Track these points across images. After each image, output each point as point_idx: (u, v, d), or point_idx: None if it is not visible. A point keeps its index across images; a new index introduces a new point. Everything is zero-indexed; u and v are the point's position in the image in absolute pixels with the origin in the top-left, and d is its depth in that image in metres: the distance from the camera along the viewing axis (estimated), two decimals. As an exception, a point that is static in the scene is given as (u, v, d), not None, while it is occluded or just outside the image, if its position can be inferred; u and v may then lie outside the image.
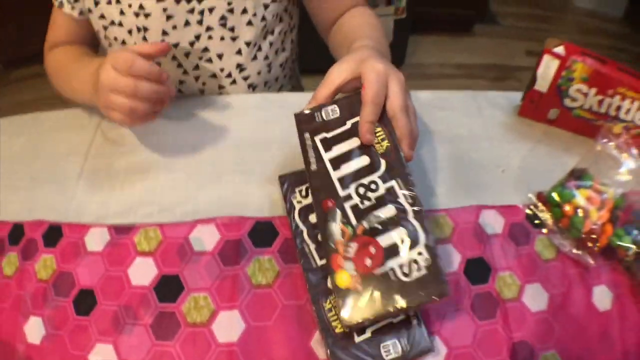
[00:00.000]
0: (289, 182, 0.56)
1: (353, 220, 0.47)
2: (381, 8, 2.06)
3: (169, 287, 0.56)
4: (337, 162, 0.50)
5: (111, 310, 0.55)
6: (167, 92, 0.60)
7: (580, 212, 0.58)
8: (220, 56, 0.78)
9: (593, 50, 0.67)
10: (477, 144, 0.67)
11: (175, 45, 0.76)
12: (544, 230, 0.59)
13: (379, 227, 0.47)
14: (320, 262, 0.50)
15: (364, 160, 0.50)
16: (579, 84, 0.65)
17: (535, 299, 0.54)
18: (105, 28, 0.77)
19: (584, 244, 0.57)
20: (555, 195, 0.60)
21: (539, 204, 0.61)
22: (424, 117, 0.70)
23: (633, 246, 0.56)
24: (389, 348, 0.46)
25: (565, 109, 0.67)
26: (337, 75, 0.52)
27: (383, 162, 0.49)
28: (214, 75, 0.80)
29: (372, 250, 0.46)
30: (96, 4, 0.75)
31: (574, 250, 0.57)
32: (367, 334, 0.46)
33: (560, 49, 0.65)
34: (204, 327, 0.53)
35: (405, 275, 0.45)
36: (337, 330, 0.46)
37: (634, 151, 0.62)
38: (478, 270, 0.55)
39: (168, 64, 0.78)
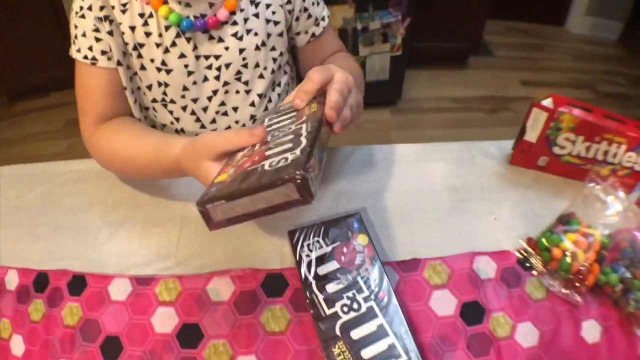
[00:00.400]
0: (297, 236, 0.62)
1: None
2: (377, 45, 2.14)
3: (190, 335, 0.60)
4: None
5: (137, 356, 0.59)
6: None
7: (567, 255, 0.63)
8: (235, 109, 0.84)
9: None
10: (470, 193, 0.73)
11: (195, 100, 0.81)
12: (534, 273, 0.64)
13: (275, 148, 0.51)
14: (328, 312, 0.55)
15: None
16: (566, 132, 0.71)
17: (527, 336, 0.59)
18: (131, 79, 0.80)
19: (572, 283, 0.62)
20: (544, 241, 0.65)
21: (529, 249, 0.66)
22: (420, 169, 0.77)
23: (620, 284, 0.61)
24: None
25: (554, 156, 0.73)
26: (315, 72, 0.61)
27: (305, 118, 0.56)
28: (229, 127, 0.86)
29: (256, 157, 0.50)
30: (124, 54, 0.77)
31: (563, 290, 0.62)
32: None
33: (548, 102, 0.71)
34: None
35: (270, 165, 0.47)
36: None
37: (620, 193, 0.68)
38: (473, 312, 0.60)
39: (187, 117, 0.83)
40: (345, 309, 0.55)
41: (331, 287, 0.57)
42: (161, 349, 0.59)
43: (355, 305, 0.55)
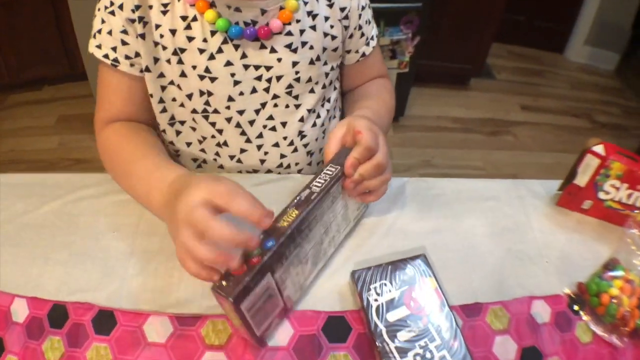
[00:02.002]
0: (362, 278, 0.61)
1: None
2: (386, 61, 2.16)
3: None
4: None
5: None
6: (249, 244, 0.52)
7: (614, 301, 0.65)
8: (284, 124, 0.81)
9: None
10: (522, 236, 0.75)
11: (240, 112, 0.78)
12: (584, 317, 0.66)
13: None
14: (402, 362, 0.54)
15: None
16: (613, 180, 0.75)
17: None
18: (163, 88, 0.77)
19: (617, 327, 0.64)
20: (594, 286, 0.67)
21: (579, 294, 0.68)
22: (475, 207, 0.78)
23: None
24: None
25: (598, 200, 0.77)
26: (337, 130, 0.66)
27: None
28: (276, 144, 0.83)
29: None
30: (156, 60, 0.74)
31: (606, 334, 0.65)
32: None
33: (599, 149, 0.75)
34: None
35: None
36: None
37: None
38: (531, 357, 0.61)
39: (231, 130, 0.80)
40: (419, 358, 0.54)
41: (402, 335, 0.56)
42: None
43: (428, 355, 0.55)
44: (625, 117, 2.76)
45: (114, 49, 0.72)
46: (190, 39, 0.71)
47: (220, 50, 0.73)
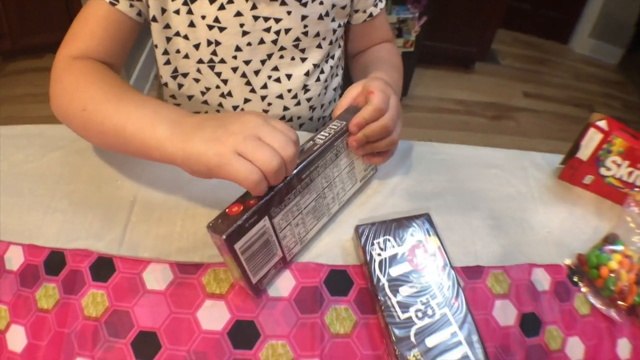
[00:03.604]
0: (367, 233, 0.60)
1: None
2: (391, 39, 2.14)
3: (244, 333, 0.54)
4: None
5: (179, 356, 0.52)
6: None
7: (613, 274, 0.65)
8: (289, 76, 0.82)
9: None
10: (524, 204, 0.74)
11: (247, 62, 0.78)
12: (583, 289, 0.66)
13: None
14: (402, 316, 0.54)
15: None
16: (615, 156, 0.75)
17: (575, 350, 0.60)
18: (168, 40, 0.76)
19: (614, 302, 0.64)
20: (593, 258, 0.67)
21: (579, 265, 0.68)
22: (478, 173, 0.78)
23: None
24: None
25: (599, 176, 0.77)
26: (352, 89, 0.65)
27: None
28: (280, 96, 0.83)
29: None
30: (163, 11, 0.72)
31: (604, 307, 0.65)
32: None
33: (603, 124, 0.74)
34: None
35: None
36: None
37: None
38: (531, 324, 0.61)
39: (236, 80, 0.80)
40: (420, 314, 0.54)
41: (404, 291, 0.56)
42: (210, 349, 0.53)
43: (429, 311, 0.54)
44: (625, 110, 2.76)
45: None
46: None
47: (230, 1, 0.72)
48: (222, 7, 0.72)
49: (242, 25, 0.74)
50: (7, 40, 2.39)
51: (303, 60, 0.81)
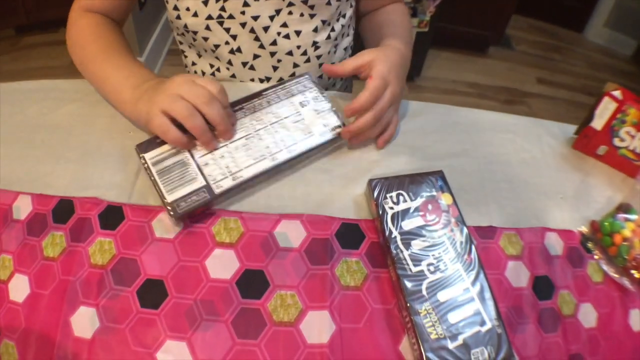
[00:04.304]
0: (380, 187, 0.59)
1: None
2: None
3: (252, 283, 0.54)
4: None
5: (185, 304, 0.51)
6: (227, 133, 0.63)
7: (626, 243, 0.64)
8: (298, 33, 0.80)
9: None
10: (538, 170, 0.73)
11: (255, 18, 0.77)
12: (596, 256, 0.65)
13: None
14: (414, 269, 0.53)
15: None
16: (629, 126, 0.73)
17: (587, 316, 0.59)
18: None
19: (627, 271, 0.63)
20: (607, 225, 0.66)
21: (592, 232, 0.67)
22: (492, 138, 0.76)
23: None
24: (477, 355, 0.49)
25: (613, 147, 0.75)
26: (365, 55, 0.68)
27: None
28: (289, 53, 0.82)
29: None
30: None
31: (617, 276, 0.64)
32: (459, 341, 0.49)
33: (618, 93, 0.73)
34: (291, 326, 0.51)
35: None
36: (432, 337, 0.49)
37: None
38: (544, 287, 0.60)
39: (245, 35, 0.79)
40: (432, 268, 0.53)
41: (417, 244, 0.55)
42: (217, 298, 0.52)
43: (441, 266, 0.53)
44: (639, 102, 2.72)
45: None
46: None
47: None
48: None
49: None
50: (21, 15, 2.39)
51: (312, 16, 0.79)
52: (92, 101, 0.72)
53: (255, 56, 0.82)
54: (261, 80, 0.85)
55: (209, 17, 0.77)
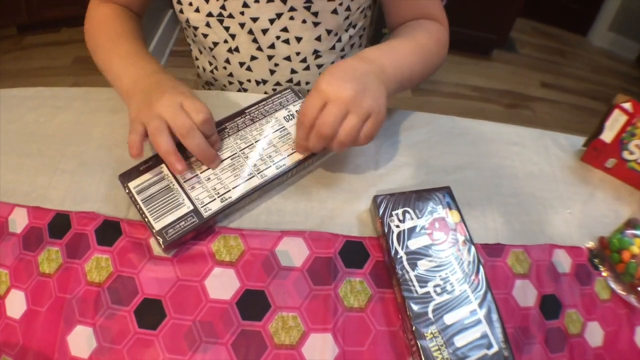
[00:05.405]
0: (385, 203, 0.57)
1: None
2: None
3: (253, 304, 0.52)
4: None
5: (184, 326, 0.50)
6: (210, 164, 0.60)
7: (634, 260, 0.63)
8: (298, 39, 0.78)
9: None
10: (546, 183, 0.71)
11: (254, 20, 0.75)
12: (603, 273, 0.64)
13: None
14: (420, 291, 0.51)
15: None
16: (638, 139, 0.71)
17: (594, 335, 0.58)
18: None
19: (634, 288, 0.62)
20: (615, 242, 0.64)
21: (601, 248, 0.65)
22: (500, 150, 0.74)
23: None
24: (484, 377, 0.48)
25: (622, 160, 0.73)
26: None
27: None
28: (288, 58, 0.80)
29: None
30: None
31: (624, 293, 0.62)
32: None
33: (628, 106, 0.71)
34: (293, 349, 0.50)
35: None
36: (438, 360, 0.48)
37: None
38: (551, 306, 0.58)
39: (243, 36, 0.77)
40: (439, 289, 0.51)
41: (423, 264, 0.53)
42: (217, 319, 0.51)
43: (448, 287, 0.52)
44: (640, 106, 2.70)
45: None
46: None
47: None
48: None
49: None
50: (23, 14, 2.38)
51: (315, 24, 0.77)
52: (89, 110, 0.71)
53: (253, 57, 0.80)
54: (257, 82, 0.84)
55: (210, 14, 0.76)
